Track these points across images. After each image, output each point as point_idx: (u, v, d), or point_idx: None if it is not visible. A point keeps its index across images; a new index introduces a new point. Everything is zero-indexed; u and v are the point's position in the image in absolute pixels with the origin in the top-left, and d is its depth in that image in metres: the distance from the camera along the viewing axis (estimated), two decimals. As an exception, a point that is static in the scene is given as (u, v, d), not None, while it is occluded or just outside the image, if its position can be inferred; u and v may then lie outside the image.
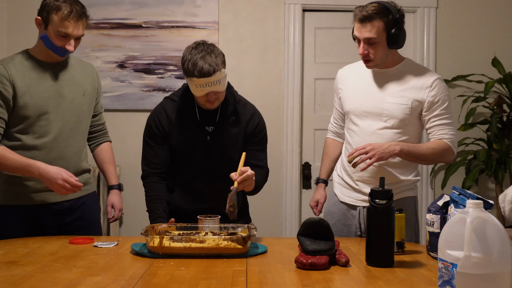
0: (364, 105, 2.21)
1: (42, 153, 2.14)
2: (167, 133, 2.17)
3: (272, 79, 3.59)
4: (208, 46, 2.03)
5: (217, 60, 2.00)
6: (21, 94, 2.10)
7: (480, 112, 3.56)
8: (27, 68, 2.15)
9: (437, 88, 2.14)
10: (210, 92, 2.02)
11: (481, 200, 1.49)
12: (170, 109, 2.18)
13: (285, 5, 3.56)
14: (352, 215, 2.28)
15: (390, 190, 1.73)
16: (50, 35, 2.09)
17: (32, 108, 2.12)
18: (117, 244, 1.99)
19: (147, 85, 3.54)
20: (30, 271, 1.63)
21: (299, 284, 1.52)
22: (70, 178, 2.02)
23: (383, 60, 2.15)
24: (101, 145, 2.46)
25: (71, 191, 2.04)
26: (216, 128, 2.16)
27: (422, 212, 3.55)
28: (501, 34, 3.64)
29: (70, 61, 2.28)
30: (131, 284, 1.52)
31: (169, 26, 3.53)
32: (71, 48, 2.11)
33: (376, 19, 2.06)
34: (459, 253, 1.32)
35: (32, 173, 2.05)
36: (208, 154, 2.16)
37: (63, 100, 2.20)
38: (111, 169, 2.44)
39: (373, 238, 1.72)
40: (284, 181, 3.58)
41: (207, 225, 1.99)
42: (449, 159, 2.23)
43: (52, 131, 2.17)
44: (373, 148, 2.05)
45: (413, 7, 3.61)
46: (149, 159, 2.21)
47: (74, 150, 2.25)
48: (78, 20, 2.08)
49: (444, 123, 2.16)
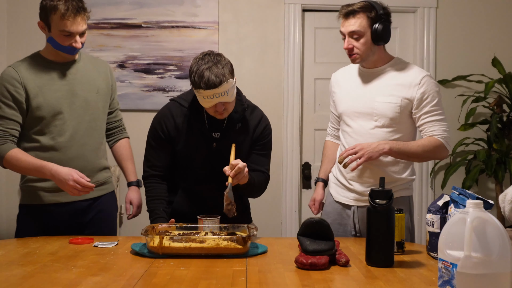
0: (355, 106, 2.23)
1: (60, 153, 2.16)
2: (172, 138, 2.15)
3: (272, 79, 3.59)
4: (215, 56, 2.01)
5: (223, 70, 1.97)
6: (34, 95, 2.12)
7: (480, 112, 3.56)
8: (38, 70, 2.16)
9: (426, 85, 2.15)
10: (218, 103, 1.99)
11: (481, 200, 1.49)
12: (177, 114, 2.15)
13: (285, 5, 3.56)
14: (347, 215, 2.29)
15: (390, 190, 1.73)
16: (55, 36, 2.10)
17: (46, 108, 2.13)
18: (117, 244, 1.99)
19: (147, 85, 3.54)
20: (30, 271, 1.63)
21: (299, 284, 1.52)
22: (81, 179, 2.02)
23: (369, 55, 2.17)
24: (119, 142, 2.46)
25: (83, 192, 2.04)
26: (222, 134, 2.13)
27: (422, 212, 3.56)
28: (501, 34, 3.64)
29: (82, 59, 2.28)
30: (131, 284, 1.52)
31: (169, 26, 3.53)
32: (78, 45, 2.11)
33: (360, 13, 2.13)
34: (459, 253, 1.32)
35: (44, 174, 2.06)
36: (213, 160, 2.13)
37: (77, 99, 2.20)
38: (129, 165, 2.45)
39: (373, 238, 1.72)
40: (284, 181, 3.58)
41: (207, 225, 1.99)
42: (443, 156, 2.22)
43: (67, 130, 2.18)
44: (362, 148, 2.07)
45: (413, 7, 3.61)
46: (151, 161, 2.20)
47: (91, 148, 2.25)
48: (76, 15, 2.06)
49: (435, 120, 2.16)
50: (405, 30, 3.67)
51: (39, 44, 3.47)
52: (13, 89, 2.10)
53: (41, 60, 2.19)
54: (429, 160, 2.25)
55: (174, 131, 2.14)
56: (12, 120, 2.11)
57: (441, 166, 3.60)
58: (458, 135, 3.48)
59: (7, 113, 2.11)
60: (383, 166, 2.19)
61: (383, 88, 2.19)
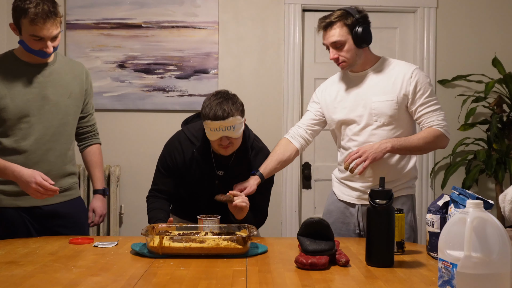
0: (353, 111, 2.25)
1: (23, 157, 2.10)
2: (180, 170, 2.21)
3: (272, 79, 3.59)
4: (228, 94, 2.09)
5: (233, 107, 2.04)
6: (1, 96, 2.06)
7: (480, 112, 3.56)
8: (10, 70, 2.10)
9: (417, 77, 2.19)
10: (224, 136, 2.04)
11: (481, 200, 1.49)
12: (187, 150, 2.19)
13: (285, 5, 3.56)
14: (351, 213, 2.30)
15: (390, 190, 1.73)
16: (25, 39, 2.04)
17: (13, 110, 2.07)
18: (117, 244, 1.99)
19: (147, 85, 3.54)
20: (30, 271, 1.63)
21: (299, 284, 1.52)
22: (44, 181, 1.96)
23: (356, 60, 2.22)
24: (90, 147, 2.40)
25: (46, 195, 1.98)
26: (226, 172, 2.20)
27: (422, 212, 3.56)
28: (501, 34, 3.64)
29: (58, 61, 2.22)
30: (131, 284, 1.52)
31: (169, 26, 3.53)
32: (49, 50, 2.04)
33: (337, 23, 2.18)
34: (459, 253, 1.32)
35: (7, 175, 2.01)
36: (214, 196, 2.14)
37: (47, 103, 2.14)
38: (97, 172, 2.39)
39: (373, 238, 1.72)
40: (284, 181, 3.59)
41: (207, 225, 1.99)
42: (444, 145, 2.23)
43: (33, 134, 2.12)
44: (365, 150, 2.10)
45: (413, 7, 3.61)
46: (158, 185, 2.25)
47: (57, 153, 2.19)
48: (46, 20, 1.98)
49: (431, 110, 2.19)
50: (405, 30, 3.67)
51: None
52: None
53: (14, 60, 2.12)
54: (431, 151, 2.28)
55: (183, 165, 2.20)
56: None
57: (441, 166, 3.60)
58: (458, 135, 3.48)
59: None
60: (387, 164, 2.21)
61: (377, 88, 2.22)
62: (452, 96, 3.58)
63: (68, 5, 3.44)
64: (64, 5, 3.45)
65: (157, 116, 3.52)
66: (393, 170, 2.23)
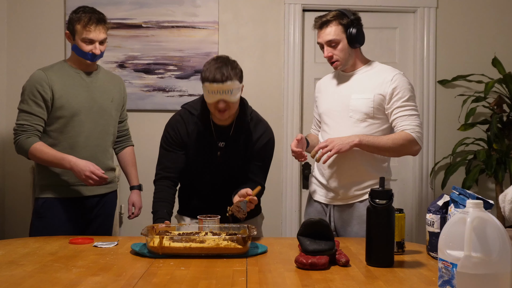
0: (333, 105, 2.34)
1: (75, 151, 2.36)
2: (184, 143, 2.24)
3: (272, 79, 3.59)
4: (228, 59, 2.13)
5: (232, 72, 2.08)
6: (59, 96, 2.36)
7: (480, 112, 3.56)
8: (64, 75, 2.42)
9: (398, 81, 2.23)
10: (221, 100, 2.07)
11: (481, 200, 1.49)
12: (188, 121, 2.24)
13: (285, 5, 3.56)
14: (325, 214, 2.37)
15: (390, 190, 1.73)
16: (78, 43, 2.37)
17: (68, 109, 2.37)
18: (117, 244, 2.00)
19: (147, 85, 3.54)
20: (30, 271, 1.64)
21: (299, 284, 1.52)
22: (97, 170, 2.25)
23: (348, 59, 2.29)
24: (125, 149, 2.71)
25: (97, 182, 2.26)
26: (227, 144, 2.22)
27: (422, 212, 3.56)
28: (501, 34, 3.64)
29: (101, 72, 2.55)
30: (131, 284, 1.52)
31: (169, 26, 3.53)
32: (97, 51, 2.37)
33: (333, 21, 2.26)
34: (459, 253, 1.32)
35: (64, 166, 2.28)
36: (216, 169, 2.25)
37: (94, 104, 2.45)
38: (133, 171, 2.70)
39: (373, 238, 1.72)
40: (284, 181, 3.59)
41: (207, 225, 2.00)
42: (414, 151, 2.24)
43: (84, 131, 2.41)
44: (332, 141, 2.15)
45: (413, 7, 3.61)
46: (164, 163, 2.27)
47: (102, 149, 2.49)
48: (97, 25, 2.35)
49: (407, 115, 2.21)
50: (405, 30, 3.67)
51: (39, 44, 3.49)
52: (42, 89, 2.34)
53: (67, 67, 2.45)
54: (401, 155, 2.27)
55: (186, 137, 2.24)
56: (38, 117, 2.34)
57: (441, 166, 3.60)
58: (458, 135, 3.48)
59: (34, 110, 2.34)
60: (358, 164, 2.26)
61: (358, 87, 2.29)
62: (452, 96, 3.59)
63: (68, 5, 3.44)
64: (64, 5, 3.45)
65: (157, 116, 3.52)
66: (361, 171, 2.27)
